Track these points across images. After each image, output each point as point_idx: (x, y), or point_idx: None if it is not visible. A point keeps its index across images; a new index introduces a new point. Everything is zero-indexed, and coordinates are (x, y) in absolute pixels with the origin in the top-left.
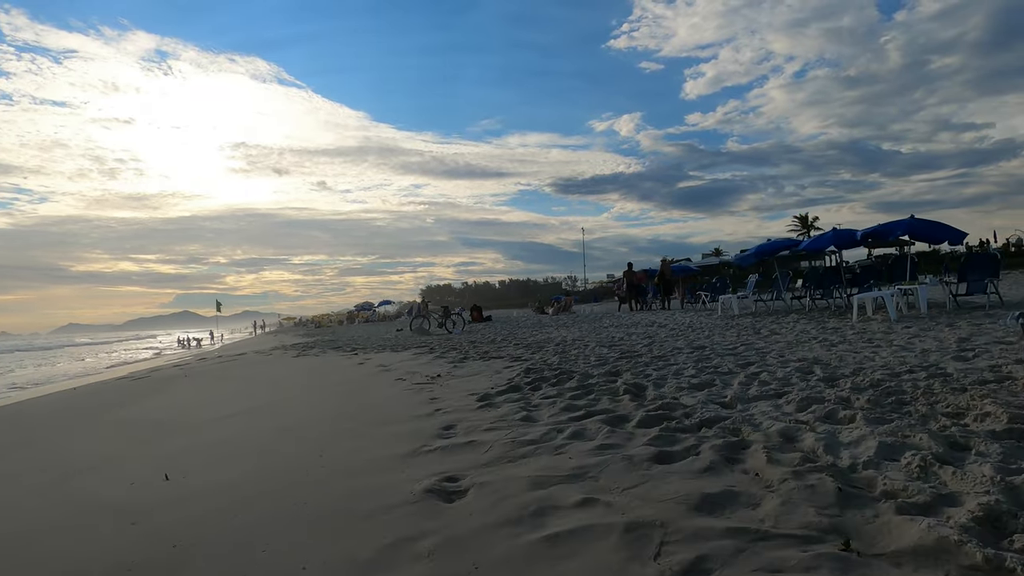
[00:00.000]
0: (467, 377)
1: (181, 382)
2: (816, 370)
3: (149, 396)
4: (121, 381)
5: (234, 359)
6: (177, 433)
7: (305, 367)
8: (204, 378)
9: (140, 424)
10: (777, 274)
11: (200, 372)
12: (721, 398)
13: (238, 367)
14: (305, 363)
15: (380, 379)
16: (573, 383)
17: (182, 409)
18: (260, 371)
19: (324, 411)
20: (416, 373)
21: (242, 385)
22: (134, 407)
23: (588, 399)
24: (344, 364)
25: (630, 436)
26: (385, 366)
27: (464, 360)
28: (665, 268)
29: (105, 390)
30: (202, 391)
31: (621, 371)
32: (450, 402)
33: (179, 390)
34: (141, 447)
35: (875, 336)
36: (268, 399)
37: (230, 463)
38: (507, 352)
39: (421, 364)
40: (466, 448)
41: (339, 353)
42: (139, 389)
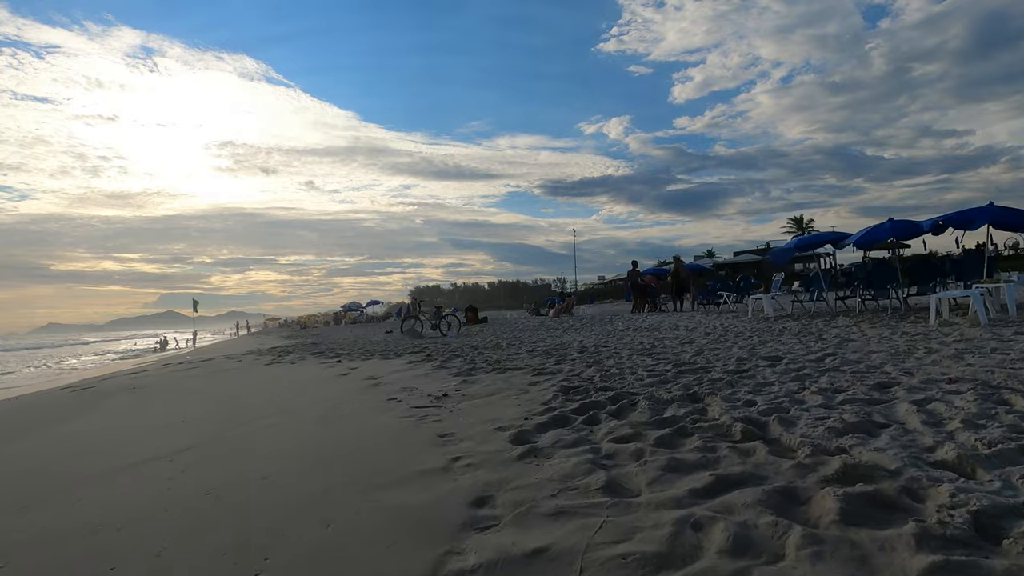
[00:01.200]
0: (484, 398)
1: (121, 397)
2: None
3: (65, 420)
4: (60, 393)
5: (197, 365)
6: (39, 499)
7: (275, 379)
8: (151, 392)
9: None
10: (818, 271)
11: (152, 383)
12: (927, 452)
13: (198, 377)
14: (277, 373)
15: (368, 399)
16: (643, 412)
17: (85, 446)
18: (219, 384)
19: (284, 454)
20: (415, 390)
21: (189, 405)
22: (30, 438)
23: (692, 446)
24: (324, 375)
25: (859, 553)
26: (375, 379)
27: (473, 372)
28: (679, 266)
29: (27, 406)
30: (134, 413)
31: (701, 394)
32: (470, 442)
33: (109, 410)
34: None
35: (988, 343)
36: (211, 431)
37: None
38: (523, 361)
39: (419, 376)
40: (532, 568)
41: (320, 360)
42: (64, 407)
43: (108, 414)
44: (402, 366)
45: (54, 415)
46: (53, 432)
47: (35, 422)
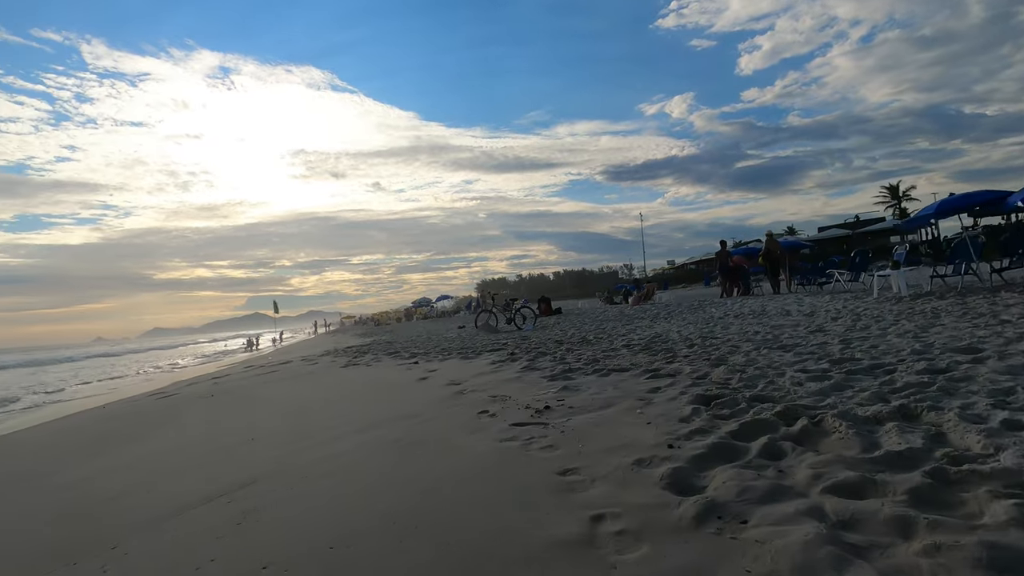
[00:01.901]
0: (598, 411)
1: (197, 408)
2: None
3: (136, 438)
4: (146, 401)
5: (276, 368)
6: (77, 551)
7: (350, 386)
8: (226, 401)
9: (43, 524)
10: (966, 238)
11: (230, 389)
12: None
13: (274, 382)
14: (352, 377)
15: (455, 411)
16: (844, 438)
17: (143, 477)
18: (293, 391)
19: (359, 502)
20: (507, 400)
21: (260, 418)
22: (95, 462)
23: (994, 512)
24: (402, 379)
25: None
26: (457, 384)
27: (570, 374)
28: (772, 244)
29: (111, 416)
30: (204, 429)
31: (916, 409)
32: (605, 485)
33: (182, 424)
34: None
35: None
36: (277, 456)
37: None
38: (626, 359)
39: (508, 381)
40: None
41: (396, 361)
42: (141, 420)
43: (180, 429)
44: (485, 367)
45: (127, 432)
46: (119, 455)
47: (108, 440)
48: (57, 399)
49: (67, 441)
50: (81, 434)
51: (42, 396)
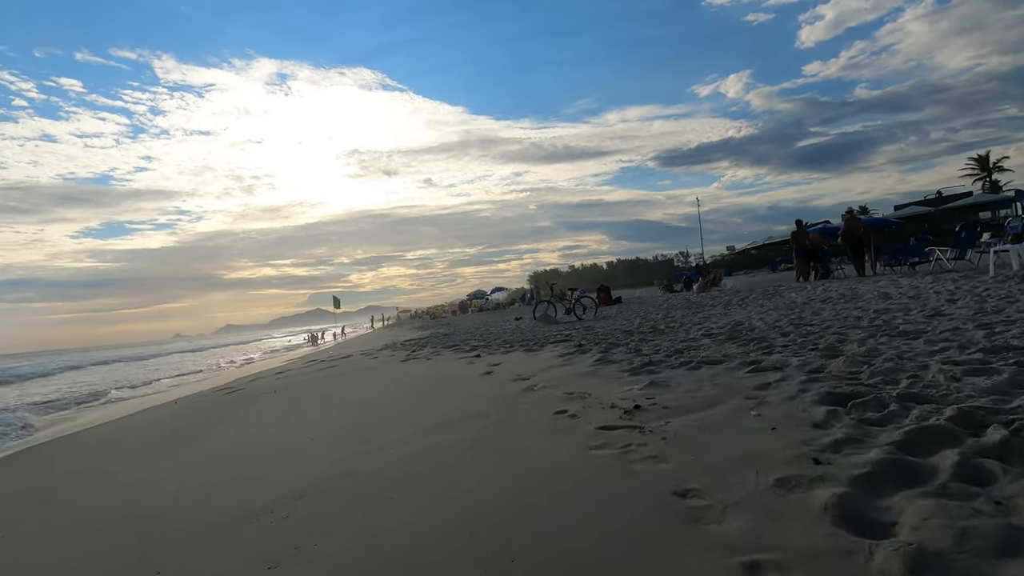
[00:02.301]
0: (701, 412)
1: (260, 404)
2: None
3: (196, 439)
4: (213, 396)
5: (336, 363)
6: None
7: (411, 380)
8: (288, 396)
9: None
10: None
11: (292, 384)
12: None
13: (335, 377)
14: (413, 372)
15: (529, 410)
16: None
17: (198, 480)
18: (354, 386)
19: (428, 522)
20: (587, 397)
21: (320, 414)
22: (156, 464)
23: None
24: (464, 374)
25: None
26: (525, 379)
27: (653, 367)
28: (854, 223)
29: (178, 414)
30: (265, 426)
31: None
32: (743, 514)
33: (244, 422)
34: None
35: None
36: (336, 460)
37: None
38: (715, 351)
39: (583, 376)
40: None
41: (456, 354)
42: (205, 418)
43: (242, 427)
44: (553, 360)
45: (191, 430)
46: (181, 454)
47: (174, 438)
48: (142, 393)
49: (135, 439)
50: (149, 431)
51: (127, 391)
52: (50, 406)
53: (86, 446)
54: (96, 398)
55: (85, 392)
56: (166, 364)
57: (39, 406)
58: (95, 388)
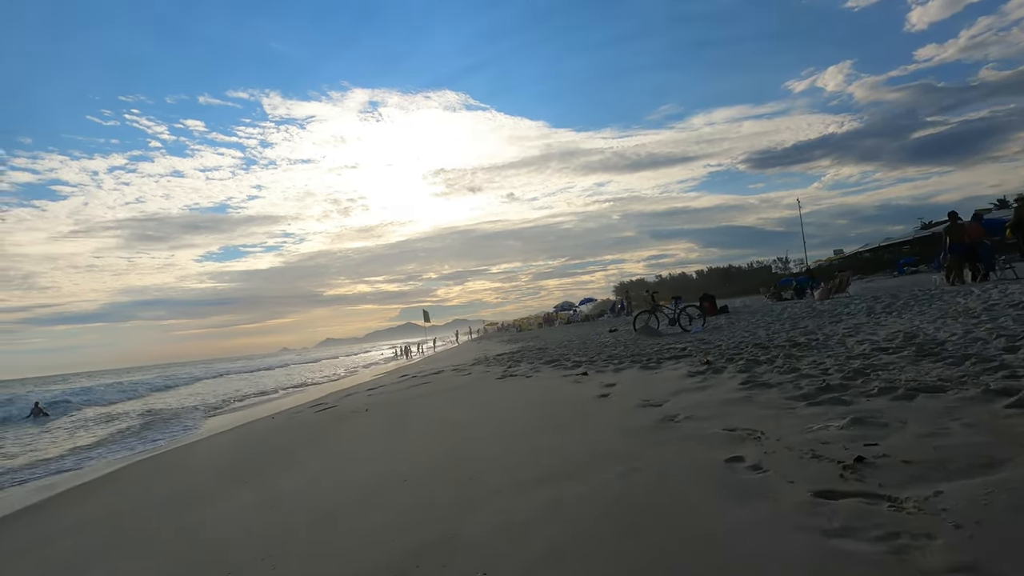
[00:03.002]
0: (985, 478)
1: (350, 424)
2: None
3: (279, 469)
4: (306, 414)
5: (428, 380)
6: None
7: (512, 402)
8: (378, 417)
9: None
10: None
11: (383, 402)
12: None
13: (426, 395)
14: (512, 391)
15: (680, 455)
16: None
17: (265, 527)
18: (448, 407)
19: None
20: (760, 436)
21: (412, 442)
22: (240, 492)
23: None
24: (574, 395)
25: None
26: (655, 404)
27: (833, 393)
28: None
29: (273, 430)
30: (352, 455)
31: None
32: None
33: (330, 450)
34: None
35: None
36: (435, 515)
37: None
38: (909, 371)
39: (733, 403)
40: None
41: (559, 371)
42: (294, 440)
43: (329, 455)
44: (682, 381)
45: (276, 456)
46: (262, 485)
47: (259, 464)
48: (245, 404)
49: (226, 459)
50: (239, 452)
51: (233, 403)
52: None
53: (179, 466)
54: (217, 408)
55: (212, 401)
56: (272, 377)
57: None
58: (220, 397)
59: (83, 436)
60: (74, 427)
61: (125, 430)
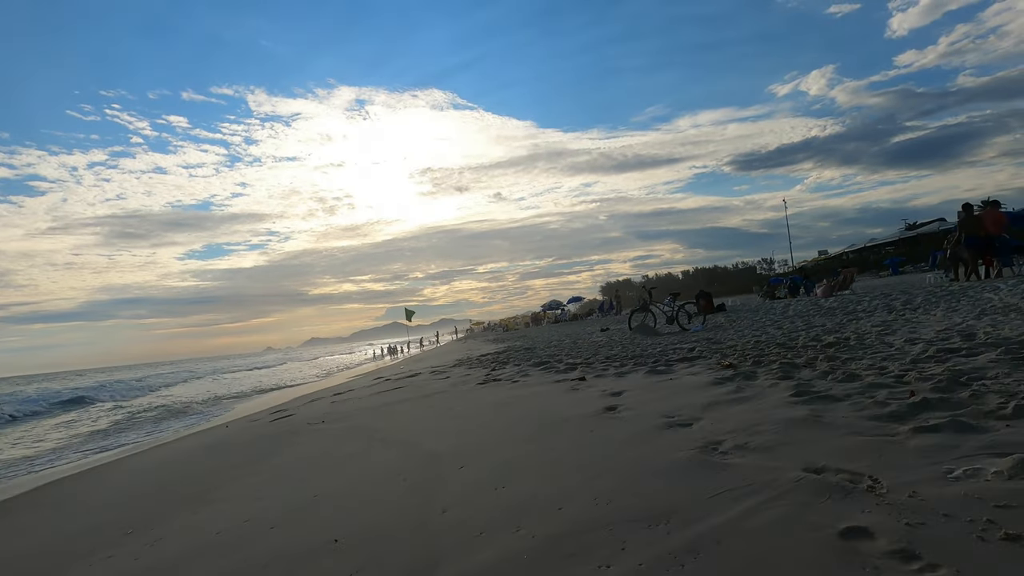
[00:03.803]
0: None
1: (298, 442)
2: None
3: (198, 500)
4: (260, 424)
5: (401, 384)
6: None
7: (495, 415)
8: (332, 434)
9: None
10: None
11: (343, 414)
12: None
13: (395, 403)
14: (495, 400)
15: (759, 514)
16: None
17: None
18: (417, 421)
19: None
20: (875, 486)
21: (365, 475)
22: (151, 531)
23: None
24: (574, 409)
25: None
26: (685, 423)
27: (938, 413)
28: None
29: (218, 444)
30: (288, 495)
31: None
32: None
33: (266, 475)
34: None
35: None
36: None
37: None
38: (1006, 379)
39: (795, 423)
40: None
41: (550, 375)
42: (232, 459)
43: (243, 499)
44: (709, 390)
45: (206, 478)
46: (175, 522)
47: (183, 491)
48: (207, 410)
49: (116, 497)
50: (170, 473)
51: (195, 407)
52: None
53: (90, 496)
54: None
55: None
56: (250, 378)
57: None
58: (183, 401)
59: None
60: None
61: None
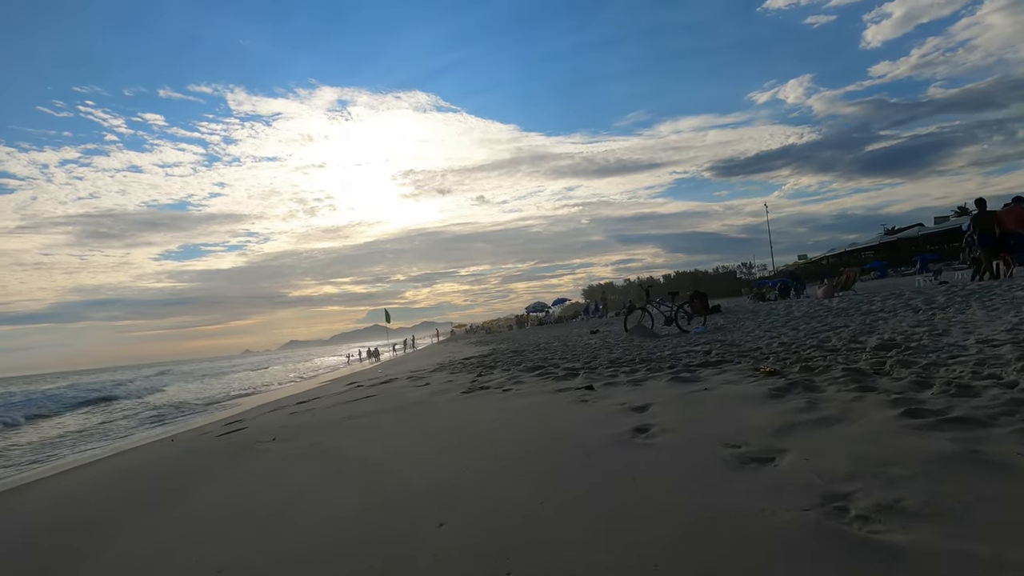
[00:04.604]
0: None
1: (240, 466)
2: None
3: (108, 539)
4: (207, 438)
5: (373, 392)
6: None
7: (485, 439)
8: (283, 455)
9: None
10: None
11: (300, 428)
12: None
13: (364, 416)
14: (484, 416)
15: None
16: None
17: None
18: (388, 445)
19: None
20: None
21: (309, 515)
22: None
23: None
24: (590, 431)
25: None
26: (764, 459)
27: None
28: None
29: (153, 465)
30: (216, 527)
31: None
32: None
33: (195, 508)
34: None
35: None
36: None
37: None
38: None
39: (944, 461)
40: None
41: (547, 382)
42: (164, 484)
43: (134, 559)
44: (761, 402)
45: (124, 512)
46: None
47: (97, 523)
48: (162, 419)
49: (73, 511)
50: (95, 497)
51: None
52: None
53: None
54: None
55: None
56: (223, 382)
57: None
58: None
59: None
60: None
61: None
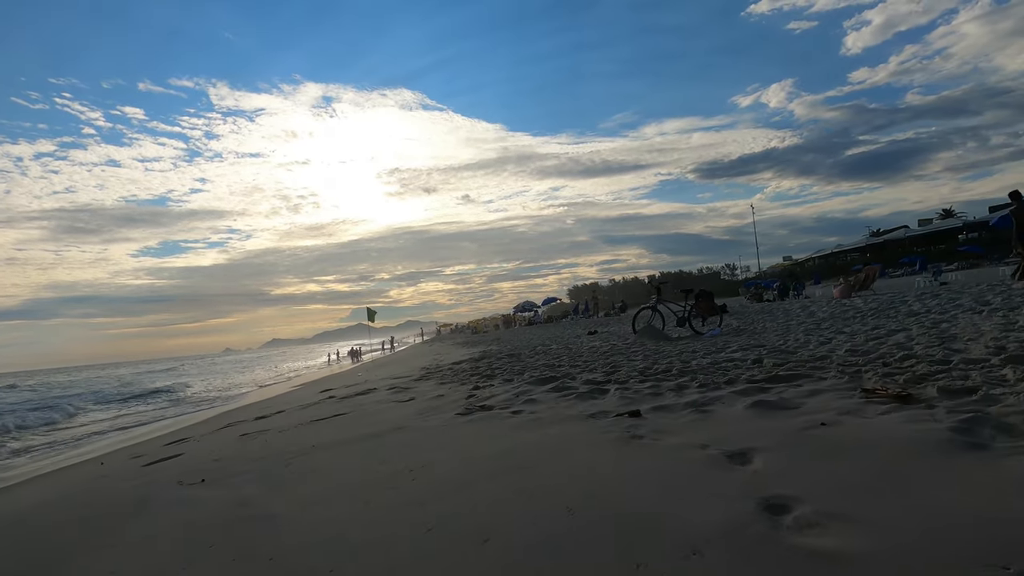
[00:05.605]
0: None
1: (144, 523)
2: None
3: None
4: (135, 464)
5: (347, 407)
6: None
7: (503, 515)
8: (181, 527)
9: None
10: None
11: (235, 468)
12: None
13: (322, 453)
14: (497, 463)
15: None
16: None
17: None
18: (349, 497)
19: None
20: None
21: None
22: None
23: None
24: (690, 514)
25: None
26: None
27: None
28: None
29: (71, 496)
30: None
31: None
32: None
33: None
34: None
35: None
36: None
37: None
38: None
39: None
40: None
41: (566, 400)
42: (76, 529)
43: None
44: (944, 452)
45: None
46: None
47: None
48: (106, 430)
49: None
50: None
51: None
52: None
53: None
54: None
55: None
56: (193, 388)
57: None
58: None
59: None
60: None
61: None
